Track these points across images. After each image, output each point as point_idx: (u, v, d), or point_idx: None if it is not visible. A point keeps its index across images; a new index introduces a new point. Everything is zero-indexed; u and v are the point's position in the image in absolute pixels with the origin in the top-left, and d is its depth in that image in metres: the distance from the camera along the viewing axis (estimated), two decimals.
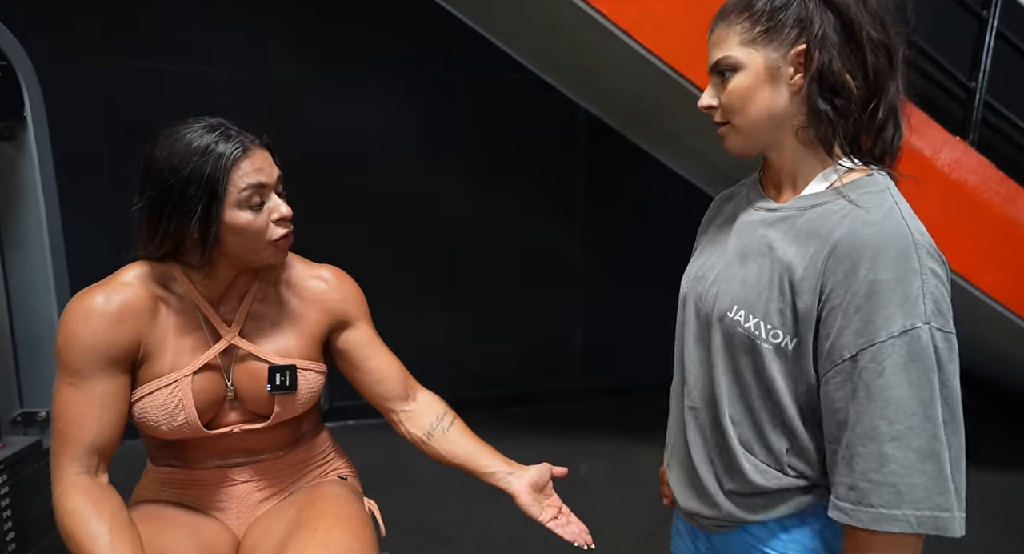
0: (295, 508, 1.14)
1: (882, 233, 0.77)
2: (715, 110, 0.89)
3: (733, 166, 2.54)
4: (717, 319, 0.88)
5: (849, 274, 0.77)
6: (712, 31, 0.88)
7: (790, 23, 0.82)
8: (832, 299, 0.78)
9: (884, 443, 0.74)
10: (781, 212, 0.87)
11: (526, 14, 2.30)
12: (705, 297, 0.92)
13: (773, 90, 0.84)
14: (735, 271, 0.89)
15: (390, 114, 3.06)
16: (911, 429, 0.74)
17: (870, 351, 0.75)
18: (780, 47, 0.83)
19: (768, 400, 0.85)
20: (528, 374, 3.47)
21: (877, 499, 0.75)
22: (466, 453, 1.18)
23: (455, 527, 2.31)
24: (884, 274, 0.75)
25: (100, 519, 0.95)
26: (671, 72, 2.05)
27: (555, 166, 3.30)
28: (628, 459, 2.85)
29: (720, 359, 0.89)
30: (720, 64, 0.86)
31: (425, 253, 3.20)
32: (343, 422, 3.07)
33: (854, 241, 0.77)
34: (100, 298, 1.01)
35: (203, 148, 0.97)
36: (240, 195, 0.99)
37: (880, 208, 0.80)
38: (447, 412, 1.23)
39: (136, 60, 2.75)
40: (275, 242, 1.03)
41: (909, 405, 0.74)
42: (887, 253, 0.76)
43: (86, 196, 2.74)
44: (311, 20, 2.89)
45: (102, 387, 1.00)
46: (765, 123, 0.85)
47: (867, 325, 0.75)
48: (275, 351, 1.11)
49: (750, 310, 0.84)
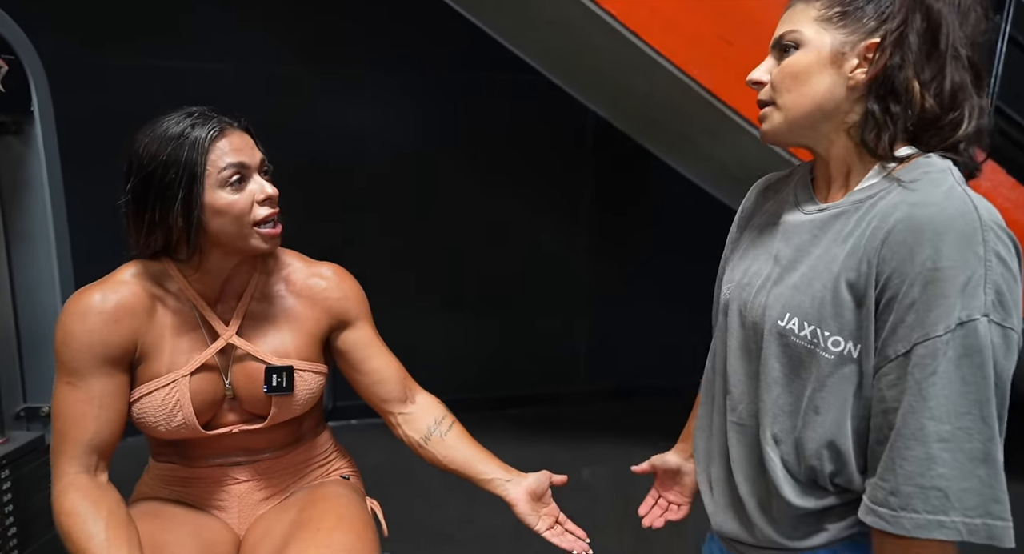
0: (296, 508, 1.13)
1: (943, 213, 0.70)
2: (762, 86, 0.83)
3: (742, 168, 2.53)
4: (768, 329, 0.82)
5: (905, 261, 0.70)
6: (789, 8, 0.82)
7: (871, 12, 0.76)
8: (888, 290, 0.72)
9: (932, 444, 0.68)
10: (833, 210, 0.81)
11: (533, 13, 2.29)
12: (752, 305, 0.86)
13: (831, 78, 0.77)
14: (785, 277, 0.82)
15: (394, 114, 3.06)
16: (963, 430, 0.68)
17: (924, 346, 0.69)
18: (852, 34, 0.76)
19: (817, 417, 0.78)
20: (531, 376, 3.46)
21: (923, 504, 0.69)
22: (463, 458, 1.16)
23: (456, 526, 2.31)
24: (944, 261, 0.68)
25: (97, 517, 0.95)
26: (680, 73, 2.04)
27: (562, 168, 3.29)
28: (630, 462, 2.82)
29: (769, 372, 0.82)
30: (784, 38, 0.79)
31: (428, 253, 3.20)
32: (346, 421, 3.07)
33: (911, 224, 0.71)
34: (97, 296, 1.01)
35: (180, 133, 0.97)
36: (220, 175, 0.98)
37: (940, 187, 0.73)
38: (446, 416, 1.21)
39: (145, 56, 2.75)
40: (260, 224, 1.01)
41: (962, 404, 0.68)
42: (948, 235, 0.69)
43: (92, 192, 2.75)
44: (312, 19, 2.89)
45: (100, 386, 1.00)
46: (813, 112, 0.79)
47: (923, 317, 0.69)
48: (272, 351, 1.09)
49: (804, 317, 0.78)
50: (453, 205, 3.18)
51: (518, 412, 3.40)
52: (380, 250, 3.06)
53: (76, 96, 2.67)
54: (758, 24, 2.06)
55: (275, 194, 1.03)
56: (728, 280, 0.93)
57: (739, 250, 0.96)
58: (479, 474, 1.15)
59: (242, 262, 1.08)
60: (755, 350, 0.85)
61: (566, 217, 3.35)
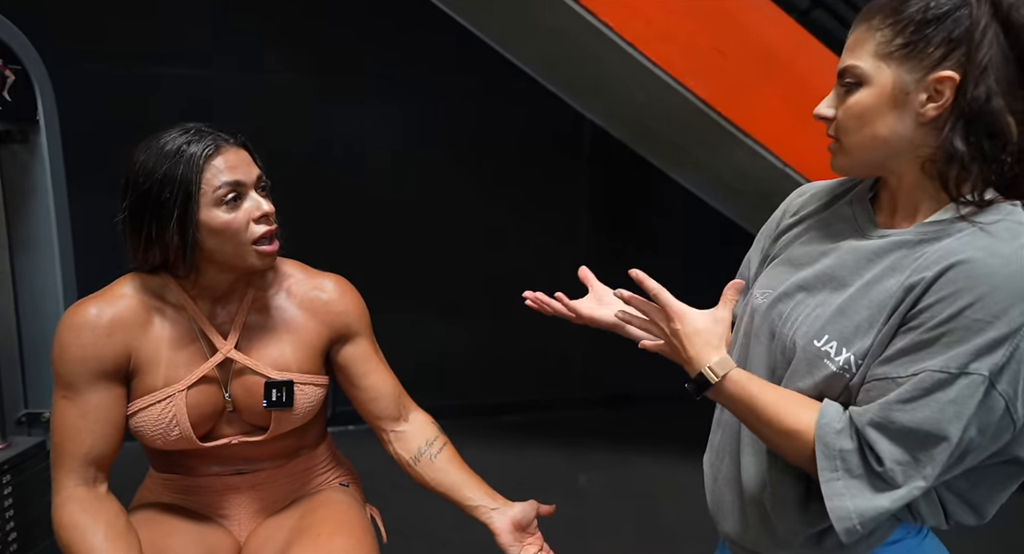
0: (297, 515, 1.14)
1: (1006, 268, 0.66)
2: (829, 121, 0.78)
3: (739, 178, 2.55)
4: (803, 347, 0.79)
5: (946, 301, 0.68)
6: (854, 30, 0.76)
7: (937, 41, 0.70)
8: (913, 319, 0.70)
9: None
10: (895, 237, 0.77)
11: (531, 22, 2.31)
12: (787, 318, 0.82)
13: (896, 116, 0.73)
14: (830, 297, 0.79)
15: (392, 120, 3.07)
16: (911, 463, 0.70)
17: (920, 377, 0.68)
18: (917, 69, 0.71)
19: None
20: (527, 383, 3.47)
21: (837, 471, 0.72)
22: (451, 482, 1.15)
23: (453, 532, 2.31)
24: (981, 314, 0.66)
25: (96, 529, 0.96)
26: (675, 84, 2.07)
27: (559, 175, 3.31)
28: (626, 469, 2.84)
29: (792, 387, 0.80)
30: (846, 73, 0.75)
31: (425, 260, 3.21)
32: (343, 427, 3.07)
33: (971, 269, 0.67)
34: (93, 310, 1.01)
35: (175, 150, 0.97)
36: (215, 194, 0.97)
37: (1015, 239, 0.69)
38: (438, 437, 1.20)
39: (148, 65, 2.77)
40: (257, 242, 1.01)
41: (925, 441, 0.69)
42: (999, 293, 0.66)
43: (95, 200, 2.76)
44: (312, 26, 2.91)
45: (95, 400, 1.00)
46: (878, 150, 0.75)
47: (932, 355, 0.68)
48: (272, 364, 1.09)
49: (844, 343, 0.75)
50: (450, 212, 3.19)
51: (514, 418, 3.40)
52: (377, 256, 3.07)
53: (79, 105, 2.69)
54: (752, 36, 2.10)
55: (271, 211, 1.02)
56: (765, 286, 0.89)
57: (781, 257, 0.91)
58: (465, 500, 1.14)
59: (240, 277, 1.07)
60: (781, 362, 0.83)
61: (563, 223, 3.37)
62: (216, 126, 1.03)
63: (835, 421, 0.74)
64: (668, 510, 2.49)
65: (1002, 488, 0.80)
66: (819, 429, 0.73)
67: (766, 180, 2.33)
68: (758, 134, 2.15)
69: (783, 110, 2.13)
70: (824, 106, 0.79)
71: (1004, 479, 0.79)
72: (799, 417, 0.75)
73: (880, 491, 0.71)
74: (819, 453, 0.73)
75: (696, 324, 0.80)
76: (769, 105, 2.13)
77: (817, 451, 0.73)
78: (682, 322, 0.80)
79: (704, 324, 0.80)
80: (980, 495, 0.79)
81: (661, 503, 2.55)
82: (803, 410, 0.76)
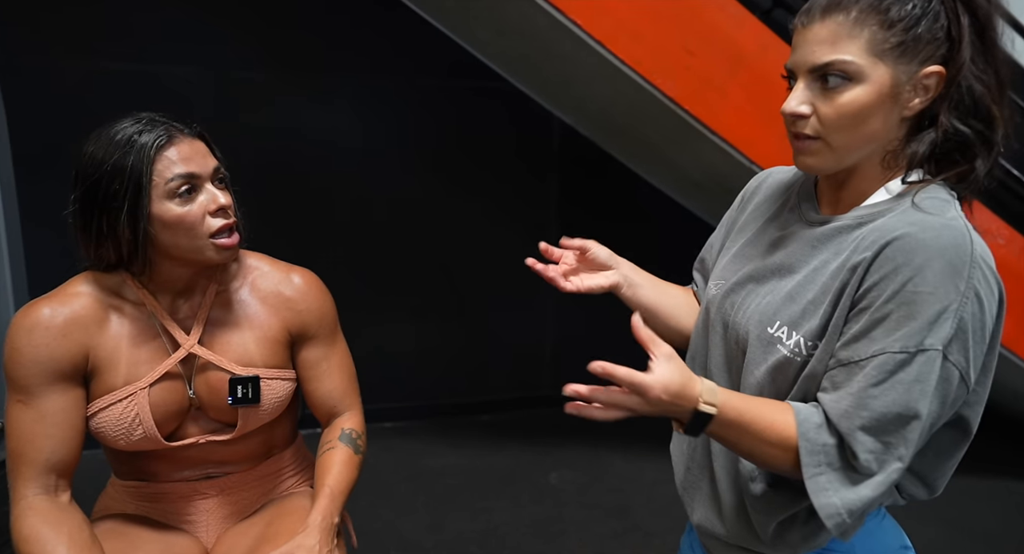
0: (264, 522, 1.11)
1: (938, 240, 0.69)
2: (805, 120, 0.75)
3: (705, 175, 2.58)
4: (757, 335, 0.81)
5: (888, 277, 0.70)
6: (823, 20, 0.72)
7: (926, 39, 0.71)
8: (863, 300, 0.72)
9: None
10: (837, 223, 0.79)
11: (501, 23, 2.31)
12: (740, 307, 0.84)
13: (887, 113, 0.73)
14: (780, 285, 0.81)
15: (361, 119, 3.03)
16: (885, 444, 0.71)
17: (879, 359, 0.70)
18: (910, 66, 0.71)
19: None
20: (498, 381, 3.46)
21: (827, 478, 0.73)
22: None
23: (423, 533, 2.30)
24: (925, 286, 0.68)
25: (57, 542, 0.92)
26: (644, 83, 2.08)
27: (529, 174, 3.31)
28: (597, 466, 2.86)
29: (750, 376, 0.82)
30: (832, 68, 0.72)
31: (395, 260, 3.18)
32: (313, 430, 3.02)
33: (905, 244, 0.70)
34: (46, 311, 0.97)
35: (125, 140, 0.94)
36: (167, 186, 0.94)
37: (943, 214, 0.72)
38: (329, 442, 1.16)
39: (100, 59, 2.68)
40: (215, 236, 0.98)
41: (893, 423, 0.70)
42: (936, 262, 0.68)
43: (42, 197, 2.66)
44: (274, 22, 2.85)
45: (52, 403, 0.96)
46: (866, 148, 0.76)
47: (889, 334, 0.70)
48: (237, 359, 1.06)
49: (793, 327, 0.78)
50: (420, 211, 3.17)
51: (485, 418, 3.40)
52: (345, 257, 3.03)
53: (26, 98, 2.60)
54: (719, 35, 2.13)
55: (228, 204, 0.99)
56: (717, 277, 0.91)
57: (733, 247, 0.93)
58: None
59: (199, 271, 1.04)
60: (736, 351, 0.85)
61: (533, 222, 3.36)
62: (171, 116, 0.99)
63: (813, 415, 0.74)
64: (639, 506, 2.51)
65: (948, 456, 0.82)
66: (800, 426, 0.74)
67: (733, 177, 2.36)
68: (725, 132, 2.17)
69: (749, 108, 2.15)
70: (797, 103, 0.75)
71: (950, 446, 0.81)
72: (787, 422, 0.74)
73: (860, 481, 0.73)
74: (802, 449, 0.73)
75: (669, 379, 0.71)
76: (735, 103, 2.15)
77: (800, 448, 0.73)
78: (659, 389, 0.70)
79: (671, 373, 0.71)
80: (928, 464, 0.82)
81: (632, 499, 2.57)
82: (784, 413, 0.75)
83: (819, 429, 0.73)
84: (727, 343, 0.87)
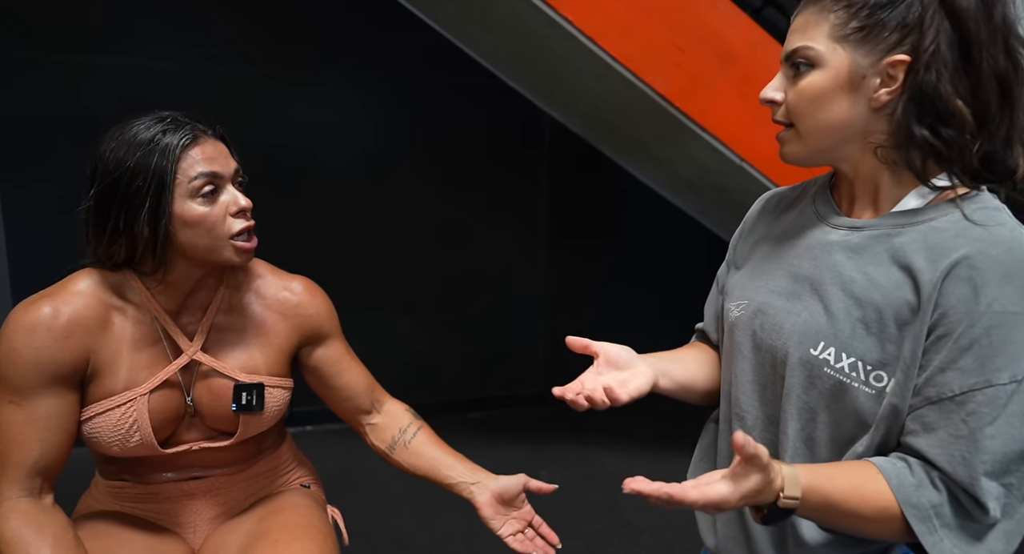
0: (254, 519, 1.10)
1: (1011, 254, 0.65)
2: (777, 106, 0.76)
3: (696, 173, 2.58)
4: (797, 357, 0.75)
5: (968, 300, 0.65)
6: (799, 13, 0.74)
7: (891, 26, 0.69)
8: (940, 327, 0.66)
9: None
10: (869, 231, 0.74)
11: (492, 19, 2.30)
12: (771, 328, 0.78)
13: (850, 101, 0.71)
14: (813, 300, 0.75)
15: (349, 116, 3.02)
16: (1009, 486, 0.66)
17: (984, 393, 0.64)
18: (872, 53, 0.70)
19: (835, 455, 0.74)
20: (489, 379, 3.46)
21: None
22: (428, 465, 1.15)
23: (414, 532, 2.29)
24: (1013, 305, 0.64)
25: (41, 543, 0.91)
26: (635, 79, 2.08)
27: (519, 171, 3.31)
28: (587, 465, 2.86)
29: (793, 404, 0.75)
30: (797, 54, 0.73)
31: (384, 257, 3.17)
32: (302, 427, 3.01)
33: (978, 262, 0.65)
34: (47, 309, 0.94)
35: (150, 138, 0.92)
36: (191, 185, 0.93)
37: (1004, 226, 0.68)
38: (412, 423, 1.20)
39: (76, 52, 2.65)
40: (235, 237, 0.97)
41: (1015, 460, 0.65)
42: (1017, 280, 0.65)
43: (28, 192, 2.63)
44: (261, 17, 2.83)
45: (46, 406, 0.93)
46: (834, 135, 0.74)
47: (985, 363, 0.64)
48: (240, 367, 1.05)
49: (843, 348, 0.71)
50: (409, 208, 3.16)
51: (476, 415, 3.39)
52: (335, 255, 3.01)
53: (9, 95, 2.56)
54: (709, 33, 2.13)
55: (249, 206, 0.99)
56: (739, 298, 0.85)
57: (747, 266, 0.88)
58: (445, 479, 1.14)
59: (208, 274, 1.03)
60: (772, 378, 0.79)
61: (523, 219, 3.36)
62: (193, 115, 0.98)
63: (905, 475, 0.68)
64: (629, 503, 2.52)
65: None
66: (897, 492, 0.67)
67: (723, 174, 2.36)
68: (715, 129, 2.17)
69: (739, 105, 2.16)
70: (771, 89, 0.76)
71: None
72: (879, 490, 0.68)
73: (986, 533, 0.67)
74: (912, 518, 0.67)
75: (747, 489, 0.64)
76: (726, 100, 2.16)
77: (909, 517, 0.67)
78: (736, 500, 0.64)
79: (749, 482, 0.64)
80: None
81: (622, 496, 2.56)
82: (874, 480, 0.68)
83: (919, 489, 0.67)
84: (759, 367, 0.81)
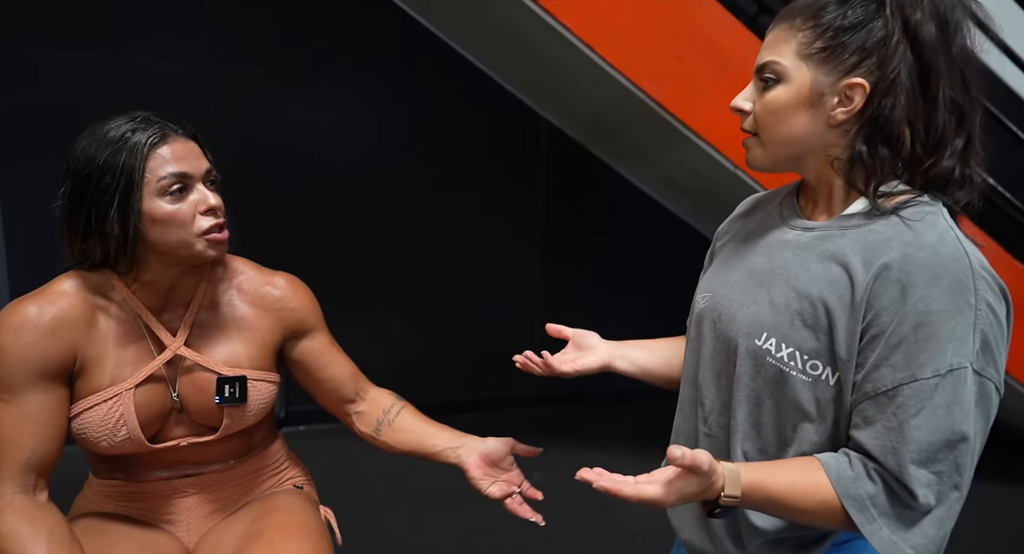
0: (248, 519, 1.11)
1: (937, 257, 0.69)
2: (746, 115, 0.81)
3: (690, 179, 2.60)
4: (745, 347, 0.80)
5: (897, 301, 0.70)
6: (772, 29, 0.79)
7: (852, 49, 0.72)
8: (874, 327, 0.71)
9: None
10: (818, 232, 0.79)
11: (489, 22, 2.31)
12: (726, 318, 0.83)
13: (810, 116, 0.76)
14: (762, 293, 0.80)
15: (346, 117, 3.03)
16: (937, 474, 0.69)
17: (911, 387, 0.69)
18: (832, 72, 0.73)
19: (782, 440, 0.78)
20: (483, 380, 3.47)
21: (890, 525, 0.71)
22: (413, 439, 1.16)
23: (405, 532, 2.30)
24: (936, 304, 0.68)
25: (36, 539, 0.92)
26: (631, 86, 2.10)
27: (515, 173, 3.32)
28: (581, 466, 2.86)
29: (742, 390, 0.80)
30: (766, 68, 0.77)
31: (379, 257, 3.17)
32: (295, 427, 3.01)
33: (906, 264, 0.70)
34: (32, 309, 0.96)
35: (119, 137, 0.94)
36: (159, 184, 0.94)
37: (933, 229, 0.72)
38: (394, 404, 1.21)
39: (83, 51, 2.65)
40: (206, 233, 0.98)
41: (941, 450, 0.69)
42: (942, 280, 0.68)
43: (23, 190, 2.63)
44: (260, 19, 2.83)
45: (37, 403, 0.95)
46: (794, 147, 0.78)
47: (911, 358, 0.69)
48: (224, 361, 1.07)
49: (782, 339, 0.76)
50: (405, 209, 3.17)
51: (468, 416, 3.39)
52: (329, 255, 3.02)
53: (5, 91, 2.56)
54: (706, 42, 2.15)
55: (218, 205, 1.00)
56: (704, 290, 0.91)
57: (716, 262, 0.94)
58: (431, 449, 1.15)
59: (186, 272, 1.04)
60: (727, 365, 0.83)
61: (519, 221, 3.37)
62: (165, 116, 1.00)
63: (844, 468, 0.73)
64: (621, 505, 2.52)
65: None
66: (836, 485, 0.72)
67: (716, 180, 2.38)
68: (710, 136, 2.19)
69: (733, 113, 2.18)
70: (741, 99, 0.81)
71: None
72: (819, 483, 0.72)
73: (920, 519, 0.71)
74: (851, 509, 0.71)
75: (682, 493, 0.73)
76: (721, 108, 2.17)
77: (848, 508, 0.71)
78: (673, 500, 0.73)
79: (685, 485, 0.72)
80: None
81: (615, 499, 2.58)
82: (815, 474, 0.73)
83: (856, 481, 0.72)
84: (717, 356, 0.85)
